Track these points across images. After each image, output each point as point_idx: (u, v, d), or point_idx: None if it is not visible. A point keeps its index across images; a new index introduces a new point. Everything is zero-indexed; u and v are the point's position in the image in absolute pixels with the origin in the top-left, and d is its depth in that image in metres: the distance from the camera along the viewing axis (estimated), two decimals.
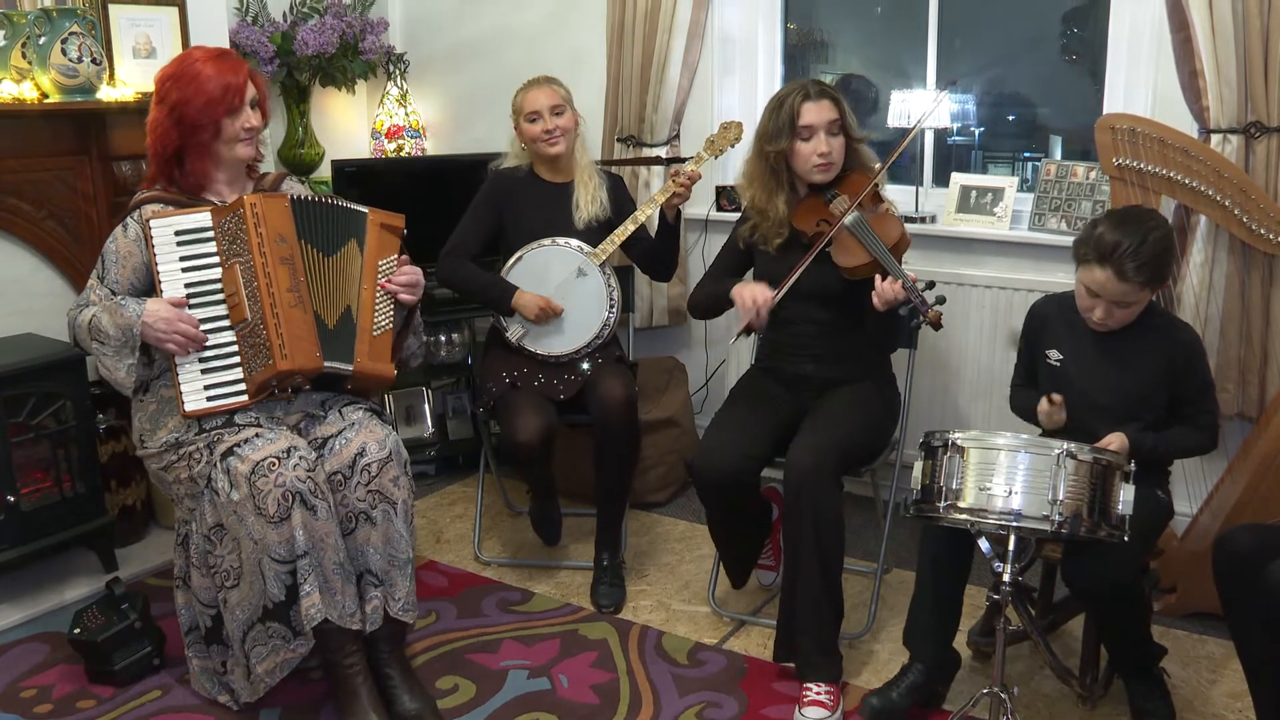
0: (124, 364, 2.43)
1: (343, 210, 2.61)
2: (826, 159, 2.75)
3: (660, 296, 3.94)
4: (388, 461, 2.51)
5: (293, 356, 2.41)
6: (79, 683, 2.68)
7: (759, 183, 2.84)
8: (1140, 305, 2.38)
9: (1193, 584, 2.86)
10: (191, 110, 2.45)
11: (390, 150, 4.42)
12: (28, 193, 3.17)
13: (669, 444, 3.74)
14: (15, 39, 3.01)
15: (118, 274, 2.50)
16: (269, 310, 2.41)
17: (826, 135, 2.74)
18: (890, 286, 2.54)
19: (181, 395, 2.41)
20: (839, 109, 2.76)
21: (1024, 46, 3.79)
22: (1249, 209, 2.82)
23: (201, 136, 2.48)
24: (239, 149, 2.53)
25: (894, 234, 2.69)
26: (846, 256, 2.69)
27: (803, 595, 2.57)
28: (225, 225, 2.45)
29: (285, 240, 2.47)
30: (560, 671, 2.73)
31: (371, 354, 2.57)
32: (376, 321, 2.60)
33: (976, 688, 2.42)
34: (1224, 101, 2.89)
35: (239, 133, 2.50)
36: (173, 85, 2.47)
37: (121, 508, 3.34)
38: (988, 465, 2.18)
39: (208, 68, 2.47)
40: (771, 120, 2.77)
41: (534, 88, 3.16)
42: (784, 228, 2.82)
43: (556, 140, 3.16)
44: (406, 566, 2.53)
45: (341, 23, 4.18)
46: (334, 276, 2.55)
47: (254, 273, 2.42)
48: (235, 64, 2.51)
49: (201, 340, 2.42)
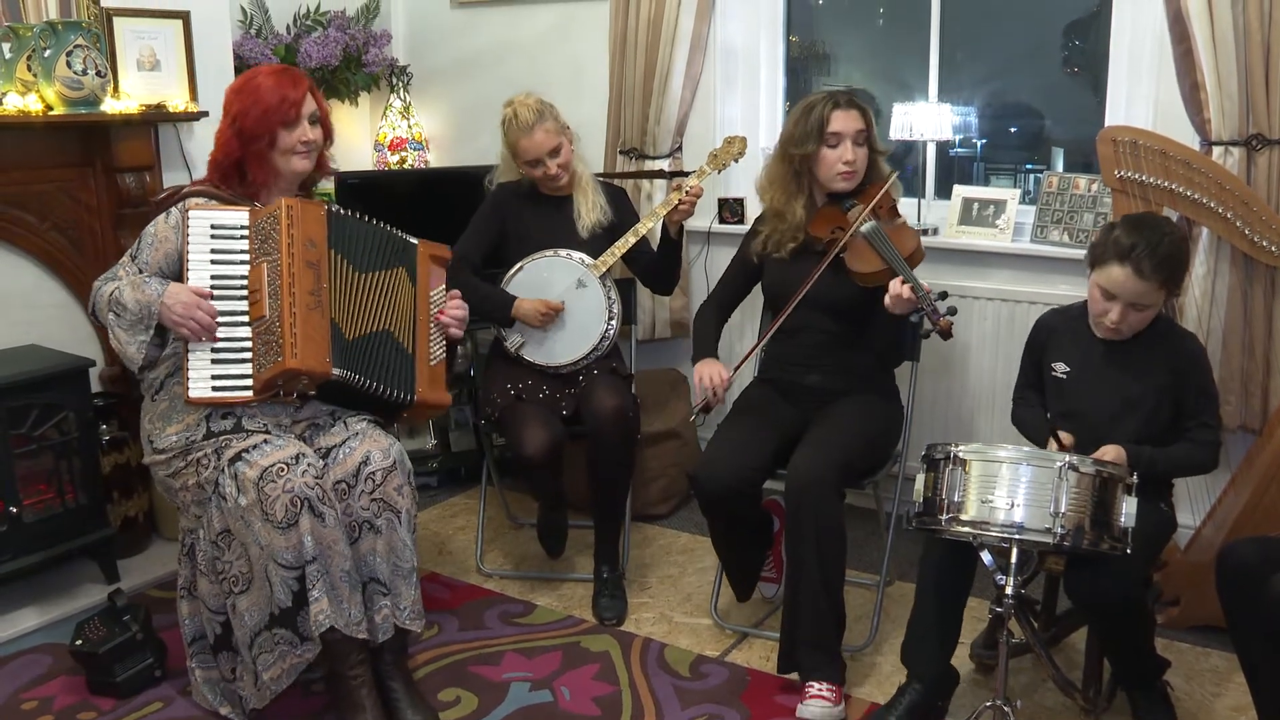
0: (136, 339, 2.45)
1: (390, 236, 2.66)
2: (851, 167, 2.78)
3: (662, 309, 3.94)
4: (392, 470, 2.51)
5: (303, 356, 2.41)
6: (80, 694, 2.68)
7: (779, 185, 2.86)
8: (1153, 310, 2.38)
9: (1196, 596, 2.86)
10: (249, 121, 2.51)
11: (393, 162, 4.43)
12: (32, 204, 3.18)
13: (671, 456, 3.74)
14: (21, 51, 3.02)
15: (150, 255, 2.53)
16: (287, 308, 2.42)
17: (853, 144, 2.77)
18: (904, 290, 2.55)
19: (188, 380, 2.43)
20: (866, 120, 2.80)
21: (1026, 59, 3.80)
22: (1251, 221, 2.82)
23: (258, 146, 2.53)
24: (295, 161, 2.58)
25: (910, 245, 2.71)
26: (861, 263, 2.71)
27: (805, 607, 2.56)
28: (261, 225, 2.49)
29: (315, 245, 2.50)
30: (562, 684, 2.73)
31: (431, 383, 2.66)
32: (432, 352, 2.68)
33: (979, 701, 2.42)
34: (1225, 114, 2.89)
35: (295, 145, 2.56)
36: (235, 97, 2.56)
37: (124, 519, 3.33)
38: (990, 478, 2.18)
39: (268, 80, 2.55)
40: (799, 125, 2.80)
41: (526, 134, 3.09)
42: (799, 232, 2.83)
43: (561, 178, 3.17)
44: (411, 575, 2.54)
45: (345, 35, 4.20)
46: (363, 294, 2.57)
47: (279, 271, 2.44)
48: (295, 79, 2.58)
49: (213, 331, 2.44)
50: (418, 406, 2.65)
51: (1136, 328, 2.40)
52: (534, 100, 3.13)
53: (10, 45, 3.03)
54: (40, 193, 3.20)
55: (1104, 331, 2.43)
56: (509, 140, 3.15)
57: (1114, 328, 2.39)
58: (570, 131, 3.19)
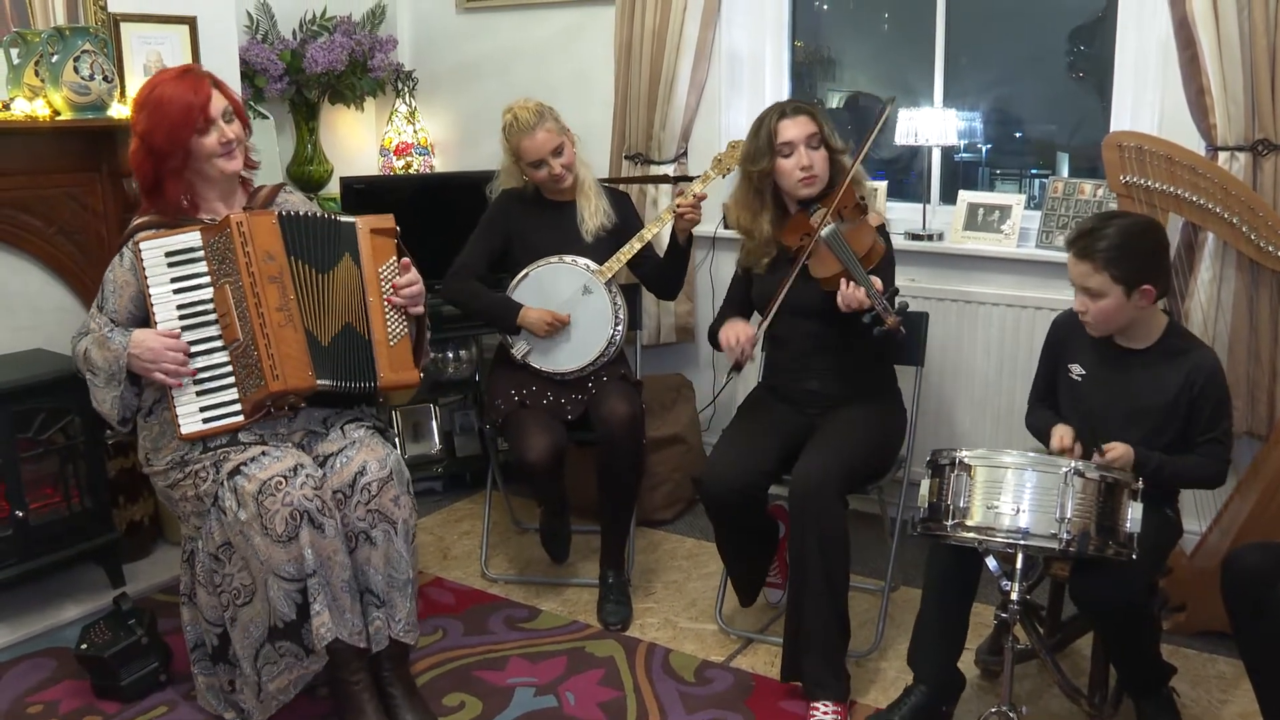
0: (110, 395, 2.44)
1: (332, 224, 2.58)
2: (809, 172, 2.79)
3: (668, 314, 3.95)
4: (388, 481, 2.50)
5: (284, 377, 2.40)
6: (85, 698, 2.68)
7: (743, 204, 2.90)
8: (1112, 301, 2.33)
9: (1202, 602, 2.85)
10: (159, 138, 2.44)
11: (399, 167, 4.44)
12: (38, 209, 3.19)
13: (676, 461, 3.74)
14: (29, 57, 3.03)
15: (116, 303, 2.51)
16: (259, 331, 2.40)
17: (806, 149, 2.78)
18: (852, 292, 2.57)
19: (177, 419, 2.41)
20: (816, 122, 2.80)
21: (1031, 64, 3.80)
22: (1257, 226, 2.82)
23: (173, 163, 2.46)
24: (221, 164, 2.51)
25: (866, 243, 2.72)
26: (820, 268, 2.72)
27: (809, 613, 2.56)
28: (215, 245, 2.44)
29: (274, 258, 2.45)
30: (567, 689, 2.73)
31: (393, 365, 2.56)
32: (390, 330, 2.58)
33: (984, 707, 2.41)
34: (1231, 119, 2.89)
35: (215, 148, 2.48)
36: (140, 114, 2.47)
37: (129, 523, 3.34)
38: (995, 483, 2.18)
39: (168, 89, 2.45)
40: (752, 142, 2.83)
41: (528, 134, 3.08)
42: (771, 246, 2.86)
43: (565, 179, 3.16)
44: (407, 587, 2.52)
45: (351, 41, 4.21)
46: (328, 293, 2.53)
47: (243, 293, 2.41)
48: (194, 82, 2.47)
49: (188, 372, 2.42)
50: (383, 390, 2.58)
51: (1102, 321, 2.37)
52: (533, 103, 3.13)
53: (18, 51, 3.05)
54: (47, 197, 3.20)
55: (1087, 328, 2.43)
56: (511, 144, 3.14)
57: (1083, 319, 2.40)
58: (571, 134, 3.19)
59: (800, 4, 3.99)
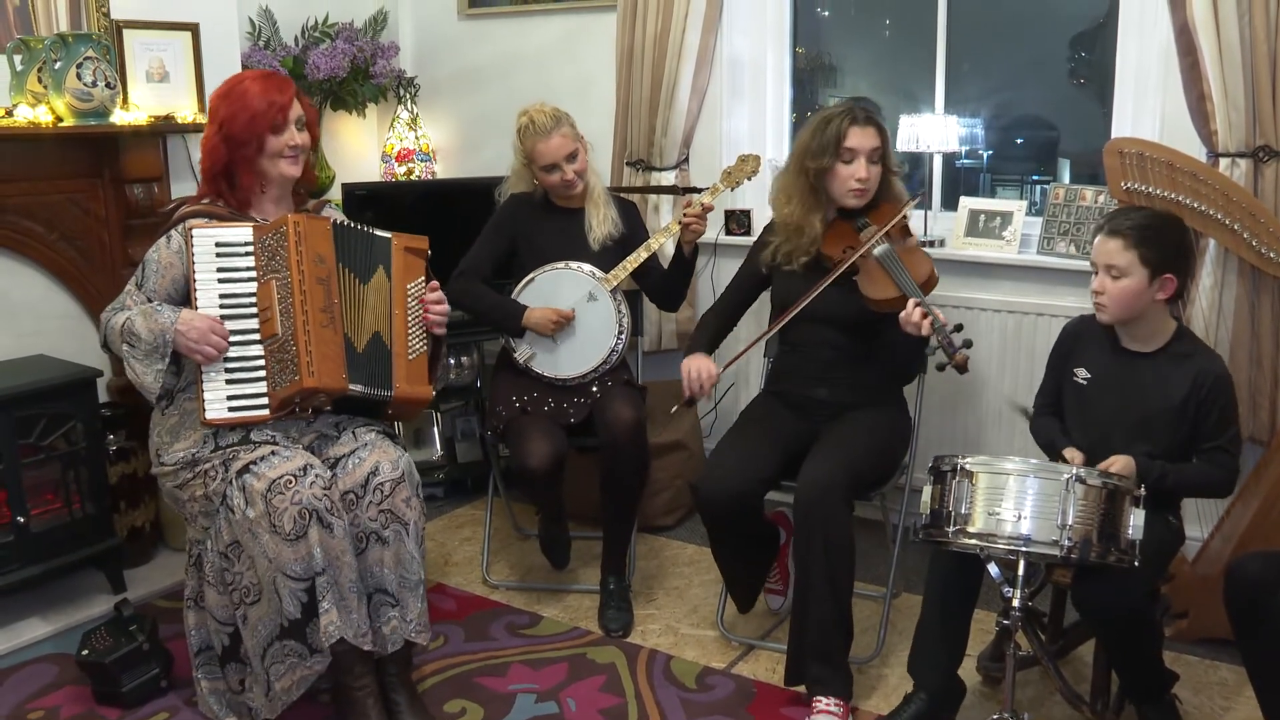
0: (153, 369, 2.45)
1: (371, 237, 2.65)
2: (864, 185, 2.77)
3: (669, 321, 3.95)
4: (400, 482, 2.52)
5: (320, 375, 2.42)
6: (87, 704, 2.68)
7: (799, 199, 2.84)
8: (1133, 283, 2.34)
9: (1204, 609, 2.84)
10: (237, 126, 2.51)
11: (400, 173, 4.45)
12: (41, 215, 3.20)
13: (677, 467, 3.74)
14: (31, 63, 3.04)
15: (156, 282, 2.53)
16: (300, 327, 2.43)
17: (867, 162, 2.76)
18: (918, 317, 2.55)
19: (204, 402, 2.43)
20: (882, 138, 2.79)
21: (1032, 70, 3.80)
22: (1258, 232, 2.82)
23: (246, 151, 2.53)
24: (283, 165, 2.58)
25: (924, 270, 2.71)
26: (875, 289, 2.70)
27: (813, 619, 2.56)
28: (266, 242, 2.48)
29: (324, 261, 2.50)
30: (568, 695, 2.72)
31: (409, 378, 2.62)
32: (411, 345, 2.64)
33: (986, 713, 2.41)
34: (1232, 125, 2.89)
35: (283, 149, 2.55)
36: (221, 103, 2.55)
37: (130, 529, 3.34)
38: (997, 490, 2.18)
39: (254, 85, 2.54)
40: (816, 138, 2.78)
41: (543, 137, 3.08)
42: (815, 246, 2.82)
43: (577, 185, 3.16)
44: (418, 587, 2.54)
45: (352, 47, 4.22)
46: (366, 302, 2.59)
47: (290, 289, 2.45)
48: (281, 83, 2.58)
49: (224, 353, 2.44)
50: (396, 402, 2.62)
51: (1118, 304, 2.38)
52: (549, 107, 3.13)
53: (21, 57, 3.05)
54: (49, 203, 3.21)
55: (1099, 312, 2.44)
56: (525, 146, 3.13)
57: (1097, 303, 2.41)
58: (585, 141, 3.20)
59: (802, 10, 4.00)
